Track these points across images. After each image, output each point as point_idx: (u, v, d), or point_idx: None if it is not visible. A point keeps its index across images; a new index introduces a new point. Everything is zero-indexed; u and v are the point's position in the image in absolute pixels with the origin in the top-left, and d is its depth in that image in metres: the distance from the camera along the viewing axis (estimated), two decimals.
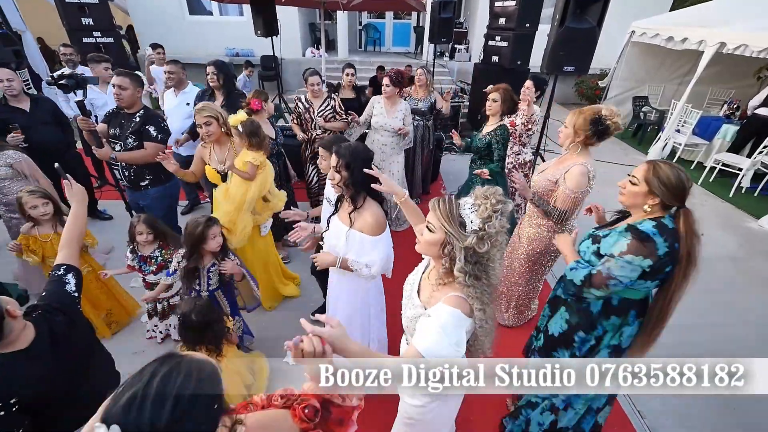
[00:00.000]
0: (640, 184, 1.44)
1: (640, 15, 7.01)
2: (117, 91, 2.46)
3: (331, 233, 1.86)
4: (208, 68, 3.28)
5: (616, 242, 1.45)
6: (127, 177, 2.67)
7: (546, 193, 2.17)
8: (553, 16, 3.38)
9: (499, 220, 1.08)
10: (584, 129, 1.95)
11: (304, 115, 3.43)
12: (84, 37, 5.31)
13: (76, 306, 1.34)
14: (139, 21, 8.72)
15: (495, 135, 2.80)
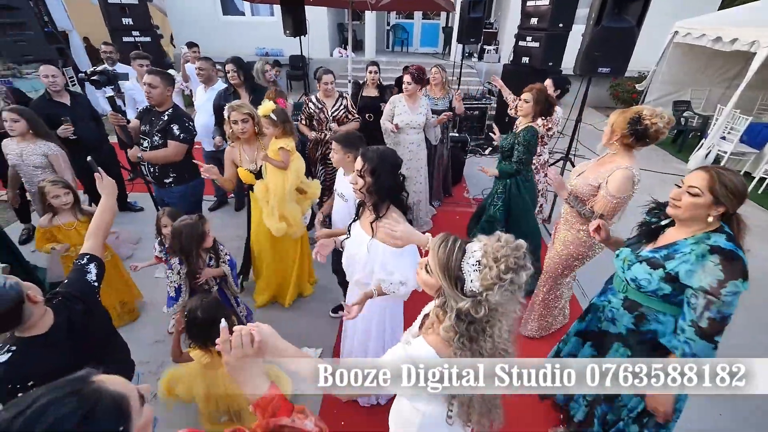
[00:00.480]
0: (704, 194, 1.30)
1: (683, 14, 6.60)
2: (147, 89, 2.53)
3: (352, 242, 1.76)
4: (227, 66, 3.34)
5: (701, 268, 1.30)
6: (152, 173, 2.75)
7: (588, 198, 2.07)
8: (589, 15, 3.22)
9: (503, 292, 0.89)
10: (622, 128, 1.87)
11: (318, 116, 3.40)
12: (124, 36, 5.58)
13: (95, 295, 1.38)
14: (175, 21, 9.07)
15: (518, 136, 2.70)
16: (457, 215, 4.29)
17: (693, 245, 1.34)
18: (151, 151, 2.63)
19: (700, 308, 1.30)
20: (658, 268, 1.41)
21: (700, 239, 1.33)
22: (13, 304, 1.10)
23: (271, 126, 2.42)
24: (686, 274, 1.33)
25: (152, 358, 2.46)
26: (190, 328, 1.69)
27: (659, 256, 1.42)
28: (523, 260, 0.90)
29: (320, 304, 2.96)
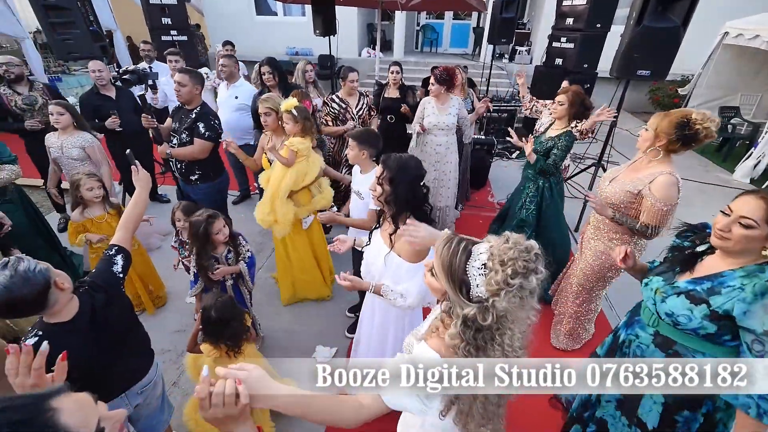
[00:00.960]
0: (761, 226, 1.14)
1: (733, 14, 6.17)
2: (177, 87, 2.61)
3: (371, 250, 1.71)
4: (263, 68, 3.40)
5: (764, 309, 1.13)
6: (179, 170, 2.84)
7: (626, 205, 1.94)
8: (629, 14, 3.06)
9: (511, 298, 0.82)
10: (668, 132, 1.74)
11: (343, 115, 3.40)
12: (163, 35, 5.82)
13: (119, 287, 1.42)
14: (211, 20, 9.40)
15: (558, 140, 2.61)
16: (480, 220, 4.19)
17: (743, 278, 1.18)
18: (178, 148, 2.72)
19: (758, 351, 1.13)
20: (701, 304, 1.25)
21: (752, 272, 1.18)
22: (41, 288, 1.14)
23: (291, 122, 2.44)
24: (744, 315, 1.16)
25: (173, 346, 2.53)
26: (204, 325, 1.73)
27: (701, 289, 1.26)
28: (534, 263, 0.83)
29: (338, 303, 2.97)
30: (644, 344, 1.45)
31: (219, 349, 1.75)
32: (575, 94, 2.56)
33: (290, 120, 2.44)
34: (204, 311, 1.72)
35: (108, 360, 1.34)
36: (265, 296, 3.02)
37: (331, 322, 2.81)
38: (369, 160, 2.20)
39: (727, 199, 1.28)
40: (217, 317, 1.72)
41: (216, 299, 1.76)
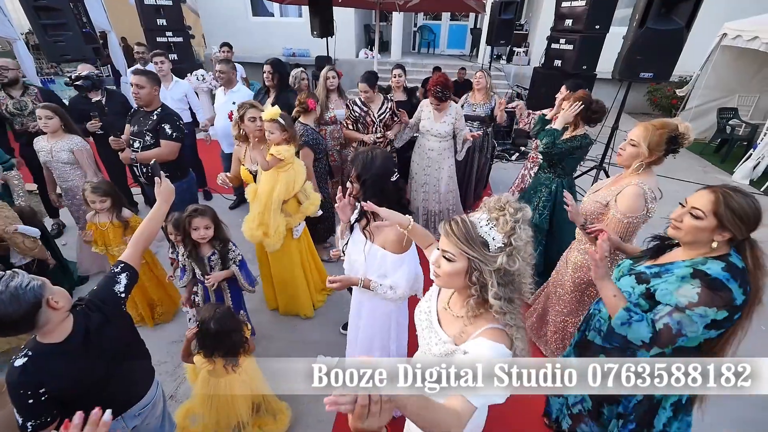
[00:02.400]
0: (707, 218, 1.21)
1: (730, 16, 6.18)
2: (134, 89, 2.54)
3: (352, 245, 1.71)
4: (265, 67, 3.37)
5: (677, 289, 1.23)
6: (144, 174, 2.77)
7: (596, 217, 1.91)
8: (632, 16, 3.03)
9: (524, 229, 0.96)
10: (660, 148, 1.71)
11: (364, 119, 3.32)
12: (158, 36, 5.74)
13: (119, 306, 1.35)
14: (206, 21, 9.31)
15: (576, 141, 2.53)
16: None
17: (686, 268, 1.26)
18: (144, 151, 2.64)
19: (662, 313, 1.24)
20: (643, 284, 1.35)
21: (696, 263, 1.25)
22: (29, 308, 1.08)
23: (278, 131, 2.32)
24: (661, 293, 1.27)
25: (170, 358, 2.46)
26: (202, 338, 1.66)
27: (650, 272, 1.36)
28: (516, 202, 0.98)
29: (335, 314, 2.89)
30: (603, 318, 1.54)
31: (212, 363, 1.69)
32: (579, 99, 2.50)
33: (276, 129, 2.32)
34: (202, 324, 1.65)
35: (102, 382, 1.27)
36: (260, 303, 2.95)
37: (328, 334, 2.73)
38: None
39: None
40: (217, 329, 1.65)
41: (215, 310, 1.69)
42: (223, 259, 2.16)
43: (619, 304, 1.32)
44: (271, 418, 2.04)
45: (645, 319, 1.27)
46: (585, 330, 1.66)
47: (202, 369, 1.76)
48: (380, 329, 1.82)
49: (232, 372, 1.75)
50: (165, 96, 3.96)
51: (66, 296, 1.21)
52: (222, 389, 1.78)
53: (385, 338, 1.85)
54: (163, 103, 2.74)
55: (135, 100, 2.64)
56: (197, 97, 4.20)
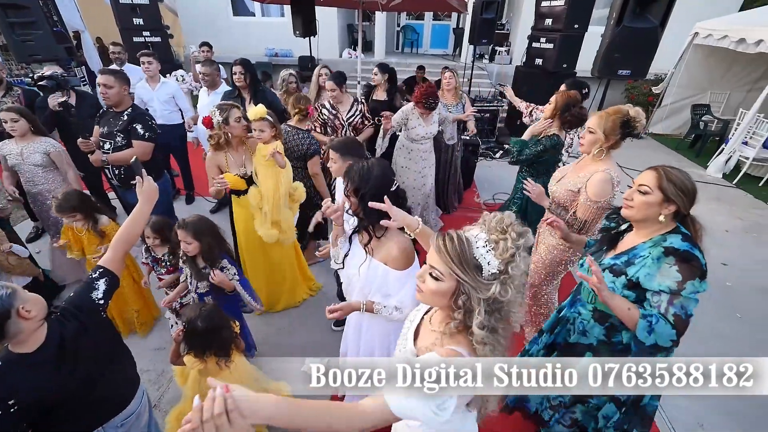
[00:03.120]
0: (653, 192, 1.30)
1: (702, 16, 6.40)
2: (102, 89, 2.45)
3: (351, 258, 1.61)
4: (235, 68, 3.26)
5: (659, 271, 1.29)
6: (117, 176, 2.68)
7: (568, 204, 2.04)
8: (610, 14, 3.10)
9: (524, 257, 0.87)
10: (615, 132, 1.84)
11: (333, 122, 3.25)
12: (134, 36, 5.58)
13: (97, 313, 1.29)
14: (186, 21, 9.11)
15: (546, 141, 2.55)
16: (468, 221, 4.15)
17: (651, 248, 1.33)
18: (115, 152, 2.55)
19: (664, 303, 1.27)
20: (621, 275, 1.38)
21: (657, 242, 1.32)
22: None
23: (268, 128, 2.32)
24: (646, 278, 1.31)
25: (153, 366, 2.39)
26: (190, 338, 1.61)
27: (620, 262, 1.40)
28: (520, 225, 0.90)
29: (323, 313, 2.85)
30: (585, 320, 1.57)
31: (204, 362, 1.64)
32: (563, 98, 2.50)
33: (266, 126, 2.32)
34: (189, 324, 1.60)
35: (80, 393, 1.22)
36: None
37: (318, 333, 2.71)
38: None
39: (705, 195, 1.36)
40: (205, 327, 1.60)
41: (200, 309, 1.65)
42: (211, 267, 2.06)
43: (635, 315, 1.31)
44: None
45: (660, 318, 1.27)
46: (560, 333, 1.68)
47: (193, 369, 1.71)
48: (380, 347, 1.74)
49: (225, 368, 1.70)
50: (151, 97, 3.86)
51: (40, 304, 1.16)
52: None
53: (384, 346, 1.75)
54: (133, 103, 2.66)
55: (104, 101, 2.54)
56: None
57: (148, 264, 2.36)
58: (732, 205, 4.75)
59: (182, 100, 4.01)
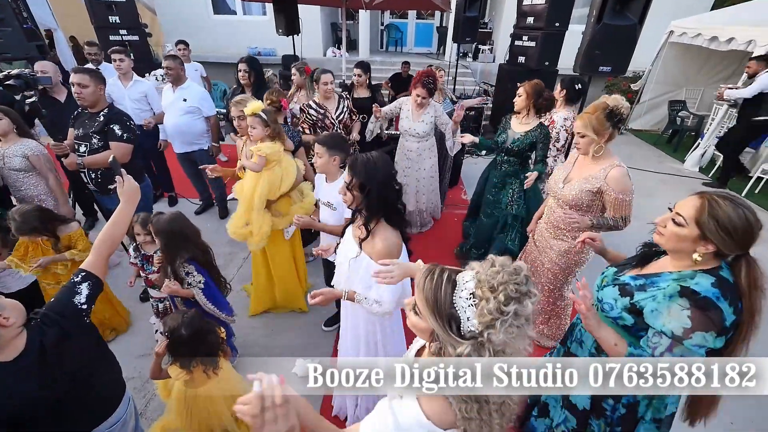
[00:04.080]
0: (689, 226, 1.11)
1: (677, 14, 6.61)
2: (77, 89, 2.35)
3: (343, 249, 1.63)
4: (240, 65, 3.24)
5: (667, 310, 1.14)
6: (94, 180, 2.56)
7: (588, 204, 2.01)
8: (590, 12, 3.16)
9: (508, 328, 0.73)
10: (605, 127, 1.83)
11: (323, 122, 3.19)
12: (111, 34, 5.41)
13: (80, 318, 1.23)
14: (165, 20, 8.88)
15: (539, 135, 2.66)
16: (455, 217, 4.19)
17: (672, 281, 1.17)
18: (91, 155, 2.45)
19: (662, 348, 1.13)
20: (626, 296, 1.26)
21: (684, 276, 1.15)
22: None
23: (259, 126, 2.27)
24: (651, 313, 1.18)
25: (138, 373, 2.32)
26: (175, 347, 1.56)
27: (635, 283, 1.27)
28: (525, 286, 0.75)
29: (313, 315, 2.83)
30: (583, 329, 1.48)
31: (190, 372, 1.60)
32: (532, 86, 2.64)
33: (258, 124, 2.27)
34: (173, 333, 1.55)
35: (63, 401, 1.17)
36: (237, 309, 2.84)
37: (310, 335, 2.68)
38: (338, 167, 2.09)
39: (683, 188, 1.31)
40: (190, 334, 1.55)
41: (183, 316, 1.60)
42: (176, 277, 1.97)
43: (621, 351, 1.22)
44: None
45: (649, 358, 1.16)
46: (566, 341, 1.63)
47: (178, 380, 1.66)
48: (365, 332, 1.74)
49: (213, 375, 1.66)
50: (122, 95, 3.72)
51: (18, 310, 1.10)
52: (201, 399, 1.68)
53: (372, 342, 1.77)
54: (110, 104, 2.56)
55: (78, 101, 2.43)
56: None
57: (136, 264, 2.28)
58: None
59: (155, 100, 3.85)
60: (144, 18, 7.45)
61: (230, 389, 1.76)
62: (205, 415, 1.72)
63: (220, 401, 1.75)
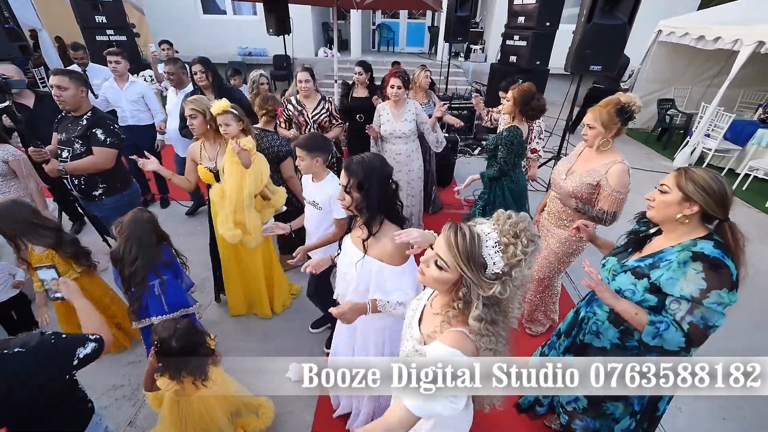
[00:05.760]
0: (672, 190, 1.26)
1: (665, 14, 6.69)
2: (56, 92, 2.25)
3: (344, 258, 1.60)
4: (194, 67, 3.09)
5: (684, 276, 1.20)
6: (77, 186, 2.47)
7: (587, 196, 2.05)
8: (580, 12, 3.18)
9: (528, 263, 0.88)
10: (614, 122, 1.87)
11: (297, 118, 3.18)
12: (98, 34, 5.32)
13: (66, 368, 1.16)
14: (153, 19, 8.76)
15: (501, 137, 2.60)
16: (449, 217, 4.18)
17: (678, 252, 1.25)
18: (73, 161, 2.37)
19: (682, 312, 1.21)
20: (643, 278, 1.32)
21: (686, 246, 1.24)
22: None
23: (234, 122, 2.20)
24: (667, 282, 1.24)
25: (128, 381, 2.27)
26: (165, 358, 1.52)
27: (644, 264, 1.34)
28: (534, 230, 0.91)
29: (302, 317, 2.78)
30: (600, 320, 1.51)
31: (180, 383, 1.56)
32: (520, 93, 2.56)
33: (231, 120, 2.19)
34: (162, 343, 1.51)
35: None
36: (225, 313, 2.81)
37: (298, 337, 2.64)
38: (323, 167, 2.07)
39: None
40: (180, 346, 1.52)
41: (175, 326, 1.56)
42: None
43: (643, 320, 1.27)
44: (253, 416, 1.96)
45: (671, 325, 1.21)
46: (577, 335, 1.62)
47: (168, 391, 1.62)
48: (374, 345, 1.70)
49: (202, 387, 1.63)
50: (119, 97, 3.68)
51: None
52: (195, 407, 1.66)
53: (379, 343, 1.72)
54: (93, 107, 2.46)
55: (59, 104, 2.33)
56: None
57: None
58: None
59: (152, 101, 3.83)
60: (132, 18, 7.34)
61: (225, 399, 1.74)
62: (200, 421, 1.68)
63: (215, 405, 1.73)
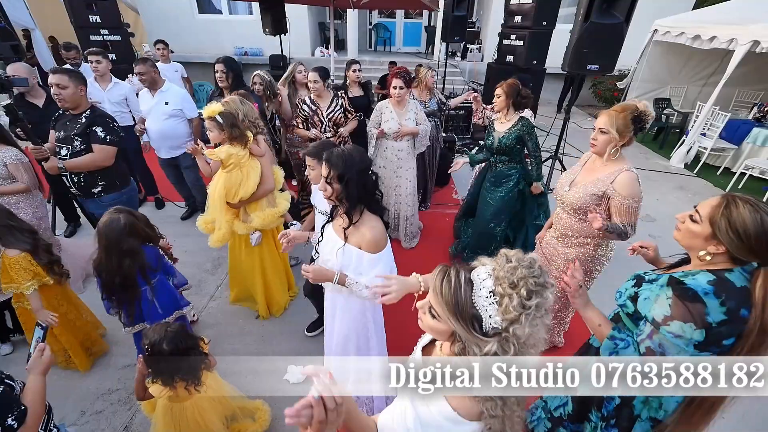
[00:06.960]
0: (702, 223, 1.09)
1: (660, 13, 6.71)
2: (56, 90, 2.28)
3: (325, 245, 1.66)
4: (217, 66, 3.14)
5: (656, 299, 1.14)
6: (76, 184, 2.48)
7: (592, 208, 1.92)
8: (577, 11, 3.17)
9: (532, 320, 0.74)
10: (629, 129, 1.76)
11: (312, 118, 3.21)
12: (92, 34, 5.26)
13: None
14: (148, 19, 8.70)
15: (522, 128, 2.72)
16: (446, 217, 4.18)
17: (670, 276, 1.19)
18: (73, 159, 2.38)
19: (643, 335, 1.16)
20: (636, 287, 1.28)
21: (689, 273, 1.14)
22: None
23: (216, 129, 2.21)
24: (643, 301, 1.19)
25: (123, 385, 2.24)
26: (155, 363, 1.49)
27: (648, 277, 1.29)
28: (543, 277, 0.75)
29: (301, 320, 2.75)
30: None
31: (173, 388, 1.54)
32: (509, 86, 2.72)
33: (214, 128, 2.20)
34: (153, 347, 1.48)
35: None
36: (226, 317, 2.78)
37: (296, 339, 2.62)
38: None
39: (670, 184, 1.30)
40: (171, 350, 1.49)
41: (165, 330, 1.53)
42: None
43: (604, 332, 1.24)
44: (249, 420, 1.93)
45: (631, 344, 1.18)
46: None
47: (162, 397, 1.60)
48: (356, 328, 1.76)
49: (195, 392, 1.61)
50: (102, 98, 3.60)
51: None
52: (189, 412, 1.63)
53: (363, 338, 1.79)
54: (92, 105, 2.48)
55: (59, 103, 2.35)
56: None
57: None
58: (695, 193, 4.98)
59: (134, 103, 3.75)
60: (126, 17, 7.27)
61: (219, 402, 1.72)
62: (194, 427, 1.66)
63: (209, 410, 1.70)
